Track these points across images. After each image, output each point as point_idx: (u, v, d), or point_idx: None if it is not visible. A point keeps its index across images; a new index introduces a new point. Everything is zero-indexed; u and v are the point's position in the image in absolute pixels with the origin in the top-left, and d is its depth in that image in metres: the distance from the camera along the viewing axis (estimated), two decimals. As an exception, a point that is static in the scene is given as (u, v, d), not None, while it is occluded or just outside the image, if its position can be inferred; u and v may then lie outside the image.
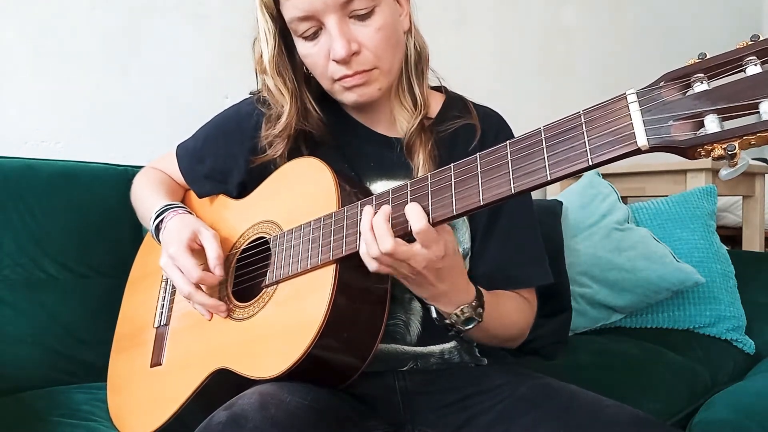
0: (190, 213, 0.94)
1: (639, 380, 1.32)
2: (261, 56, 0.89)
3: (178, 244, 0.85)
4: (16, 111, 1.40)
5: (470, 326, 0.77)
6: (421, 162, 0.87)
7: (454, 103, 0.97)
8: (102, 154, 1.41)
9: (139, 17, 1.53)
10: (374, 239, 0.68)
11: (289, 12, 0.82)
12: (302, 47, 0.85)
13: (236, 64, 1.37)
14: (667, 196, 1.86)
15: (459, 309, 0.76)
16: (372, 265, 0.71)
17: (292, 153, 0.91)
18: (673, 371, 1.40)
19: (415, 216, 0.67)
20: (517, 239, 0.91)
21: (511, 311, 0.88)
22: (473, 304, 0.77)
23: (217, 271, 0.84)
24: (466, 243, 0.90)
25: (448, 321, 0.77)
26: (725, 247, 1.76)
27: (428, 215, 0.67)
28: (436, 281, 0.72)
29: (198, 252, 0.86)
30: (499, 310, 0.83)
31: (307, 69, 0.89)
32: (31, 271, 1.18)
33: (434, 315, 0.79)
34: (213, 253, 0.85)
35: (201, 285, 0.84)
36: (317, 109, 0.92)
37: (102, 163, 1.33)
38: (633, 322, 1.68)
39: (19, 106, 1.40)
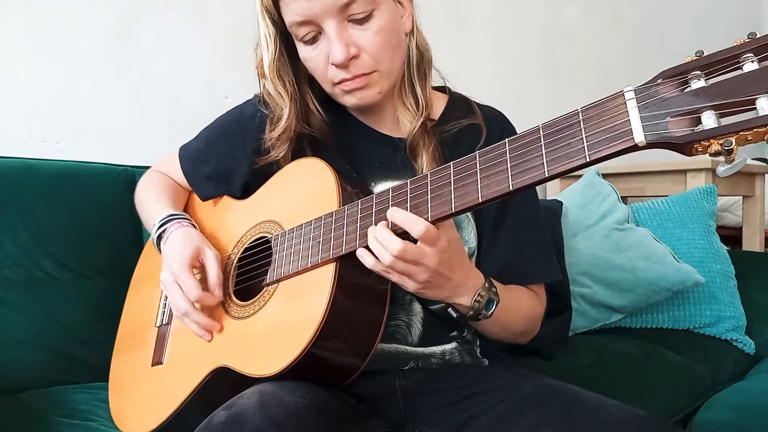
0: (194, 226, 0.94)
1: (639, 380, 1.32)
2: (261, 60, 0.89)
3: (181, 261, 0.85)
4: (16, 111, 1.40)
5: (493, 308, 0.78)
6: (425, 163, 0.87)
7: (458, 103, 0.97)
8: (102, 154, 1.41)
9: (139, 17, 1.53)
10: (382, 247, 0.69)
11: (289, 17, 0.82)
12: (303, 51, 0.86)
13: (237, 64, 1.37)
14: (667, 196, 1.86)
15: (477, 295, 0.77)
16: (392, 277, 0.72)
17: (296, 155, 0.91)
18: (673, 371, 1.39)
19: (411, 224, 0.67)
20: (525, 236, 0.91)
21: (522, 298, 0.89)
22: (486, 285, 0.78)
23: (217, 292, 0.85)
24: (472, 242, 0.90)
25: (472, 312, 0.77)
26: (725, 247, 1.76)
27: (427, 214, 0.67)
28: (452, 273, 0.73)
29: (198, 269, 0.87)
30: (511, 296, 0.84)
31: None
32: (31, 271, 1.18)
33: (454, 315, 0.80)
34: (214, 274, 0.85)
35: (197, 304, 0.84)
36: (320, 111, 0.92)
37: (102, 163, 1.33)
38: (633, 322, 1.67)
39: (19, 106, 1.40)
